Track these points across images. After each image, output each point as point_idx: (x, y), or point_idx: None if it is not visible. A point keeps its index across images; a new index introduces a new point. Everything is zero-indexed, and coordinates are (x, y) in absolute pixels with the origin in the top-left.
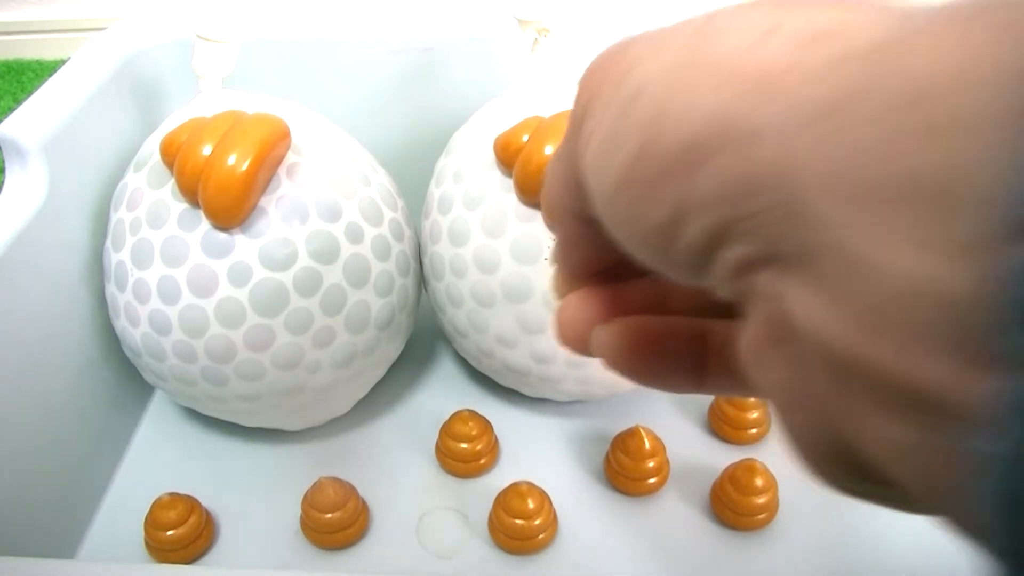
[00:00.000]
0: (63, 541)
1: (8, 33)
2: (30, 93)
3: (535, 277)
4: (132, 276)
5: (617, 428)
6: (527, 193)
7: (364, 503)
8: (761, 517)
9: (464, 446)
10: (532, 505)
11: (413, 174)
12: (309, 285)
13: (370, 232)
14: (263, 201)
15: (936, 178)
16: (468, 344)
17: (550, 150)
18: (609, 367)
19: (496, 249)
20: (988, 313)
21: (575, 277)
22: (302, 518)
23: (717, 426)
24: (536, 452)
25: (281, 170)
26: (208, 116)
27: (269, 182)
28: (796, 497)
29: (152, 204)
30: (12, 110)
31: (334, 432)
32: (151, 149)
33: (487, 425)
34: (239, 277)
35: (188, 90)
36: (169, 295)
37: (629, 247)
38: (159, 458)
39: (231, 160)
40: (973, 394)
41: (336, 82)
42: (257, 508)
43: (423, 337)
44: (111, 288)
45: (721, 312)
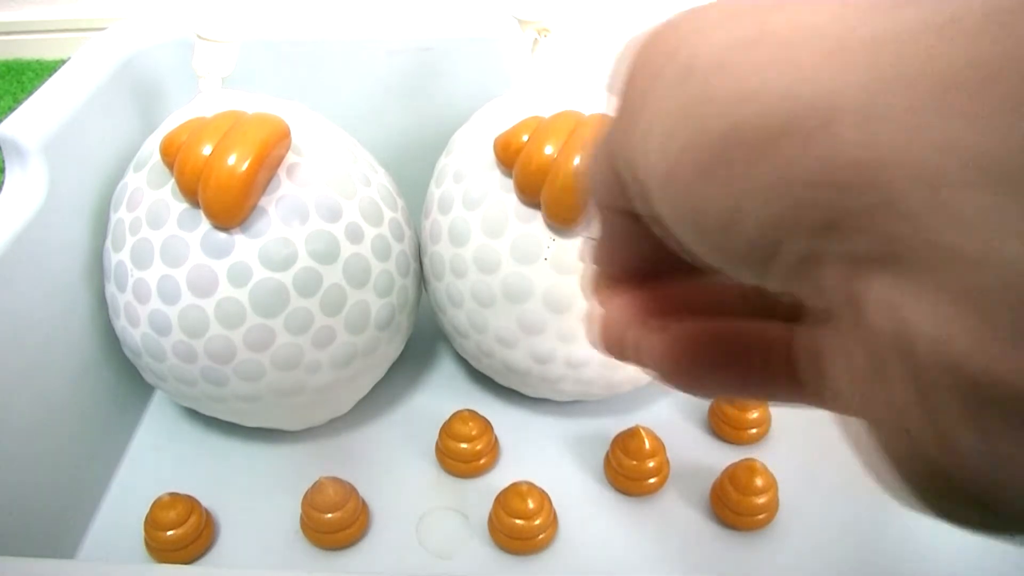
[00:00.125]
0: (63, 541)
1: (8, 33)
2: (30, 93)
3: (535, 277)
4: (132, 276)
5: (617, 428)
6: (527, 193)
7: (364, 503)
8: (761, 517)
9: (464, 446)
10: (532, 505)
11: (413, 174)
12: (309, 285)
13: (370, 232)
14: (263, 201)
15: None
16: (468, 344)
17: (550, 150)
18: (659, 375)
19: (496, 249)
20: None
21: (616, 278)
22: (302, 518)
23: (717, 426)
24: (536, 452)
25: (281, 170)
26: (208, 116)
27: (269, 182)
28: (796, 497)
29: (152, 204)
30: (12, 110)
31: (334, 432)
32: (151, 149)
33: (487, 425)
34: (239, 277)
35: (188, 90)
36: (169, 295)
37: (690, 239)
38: (159, 458)
39: (231, 160)
40: None
41: (336, 82)
42: (257, 508)
43: (423, 337)
44: (111, 288)
45: (774, 311)
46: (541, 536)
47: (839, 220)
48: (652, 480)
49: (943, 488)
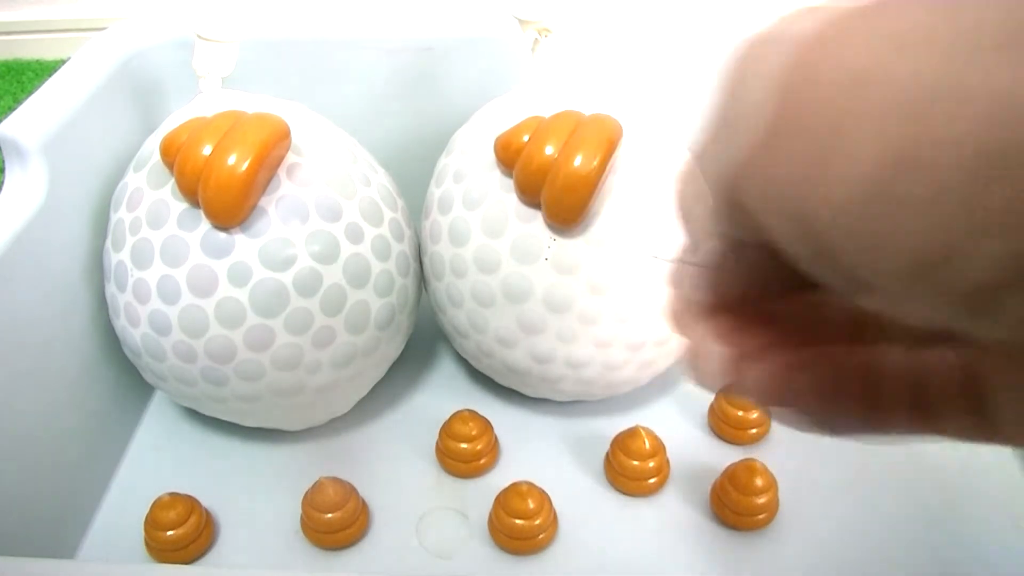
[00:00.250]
0: (63, 541)
1: (8, 33)
2: (30, 93)
3: (535, 277)
4: (132, 276)
5: (617, 428)
6: (527, 193)
7: (364, 503)
8: (761, 517)
9: (464, 446)
10: (532, 505)
11: (413, 174)
12: (309, 285)
13: (370, 232)
14: (263, 201)
15: None
16: (468, 344)
17: (550, 150)
18: (764, 407)
19: (496, 249)
20: None
21: (712, 306)
22: (302, 518)
23: (717, 426)
24: (536, 452)
25: (281, 170)
26: (208, 116)
27: (269, 182)
28: (796, 497)
29: (152, 204)
30: (12, 110)
31: (334, 432)
32: (151, 149)
33: (487, 425)
34: (239, 277)
35: (188, 90)
36: (169, 295)
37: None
38: (159, 458)
39: (231, 160)
40: None
41: (336, 82)
42: (257, 508)
43: (423, 337)
44: (111, 288)
45: (883, 330)
46: (541, 536)
47: None
48: (652, 480)
49: None
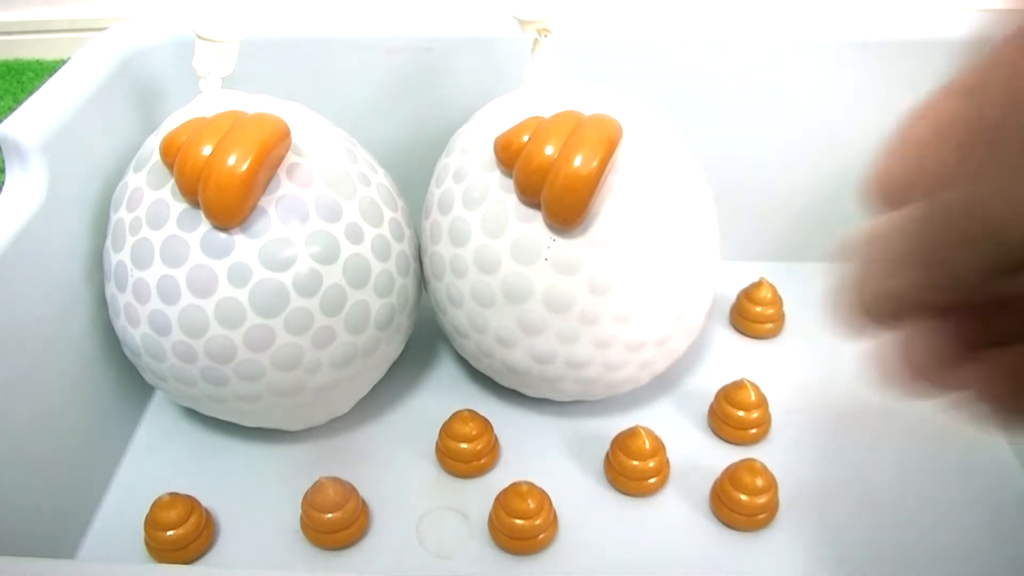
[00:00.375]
0: (63, 541)
1: (8, 33)
2: (30, 93)
3: (535, 277)
4: (132, 276)
5: (617, 428)
6: (527, 193)
7: (364, 503)
8: (761, 517)
9: (464, 446)
10: (532, 505)
11: (413, 174)
12: (309, 285)
13: (370, 232)
14: (263, 201)
15: None
16: (468, 344)
17: (550, 150)
18: (978, 409)
19: (496, 249)
20: None
21: (922, 309)
22: (302, 518)
23: (717, 426)
24: (536, 452)
25: (281, 170)
26: (208, 116)
27: (269, 182)
28: (796, 497)
29: (152, 204)
30: (12, 110)
31: (334, 432)
32: (151, 149)
33: (487, 425)
34: (239, 277)
35: (188, 90)
36: (169, 295)
37: None
38: (159, 458)
39: (231, 160)
40: None
41: (336, 82)
42: (257, 508)
43: (423, 337)
44: (111, 288)
45: None
46: (541, 536)
47: None
48: (652, 480)
49: None
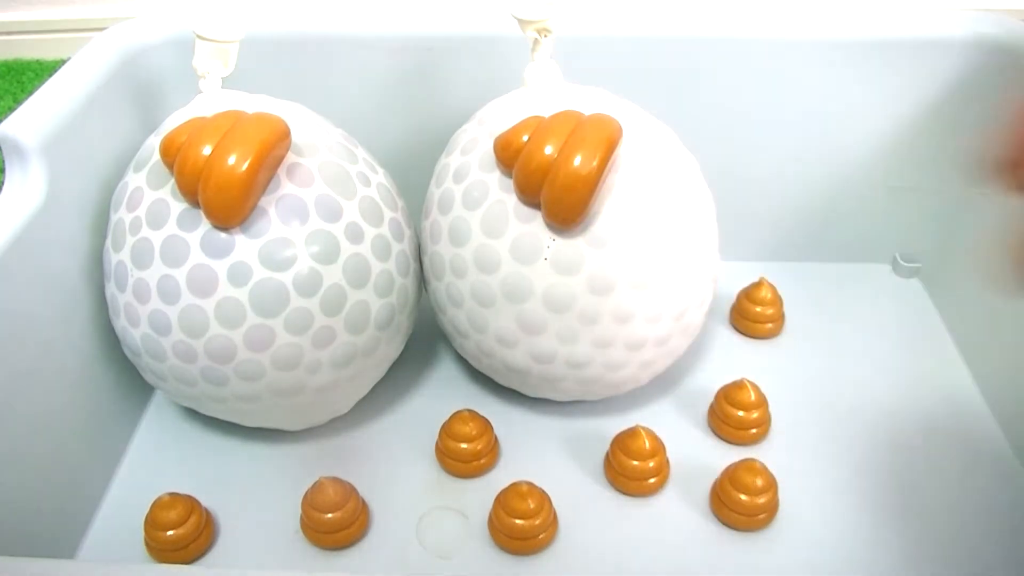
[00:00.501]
0: (63, 541)
1: (8, 33)
2: (30, 93)
3: (535, 277)
4: (132, 276)
5: (617, 428)
6: (527, 193)
7: (364, 503)
8: (761, 517)
9: (464, 446)
10: (532, 505)
11: (413, 174)
12: (309, 285)
13: (370, 232)
14: (263, 201)
15: None
16: (468, 344)
17: (550, 150)
18: None
19: (496, 249)
20: None
21: None
22: (302, 518)
23: (717, 426)
24: (536, 452)
25: (281, 170)
26: (208, 116)
27: (269, 182)
28: (796, 497)
29: (152, 204)
30: (12, 110)
31: (334, 432)
32: (151, 149)
33: (487, 425)
34: (239, 277)
35: (188, 90)
36: (169, 295)
37: None
38: (159, 458)
39: (231, 160)
40: None
41: (336, 82)
42: (257, 508)
43: (423, 337)
44: (111, 288)
45: None
46: (541, 536)
47: None
48: (652, 480)
49: None
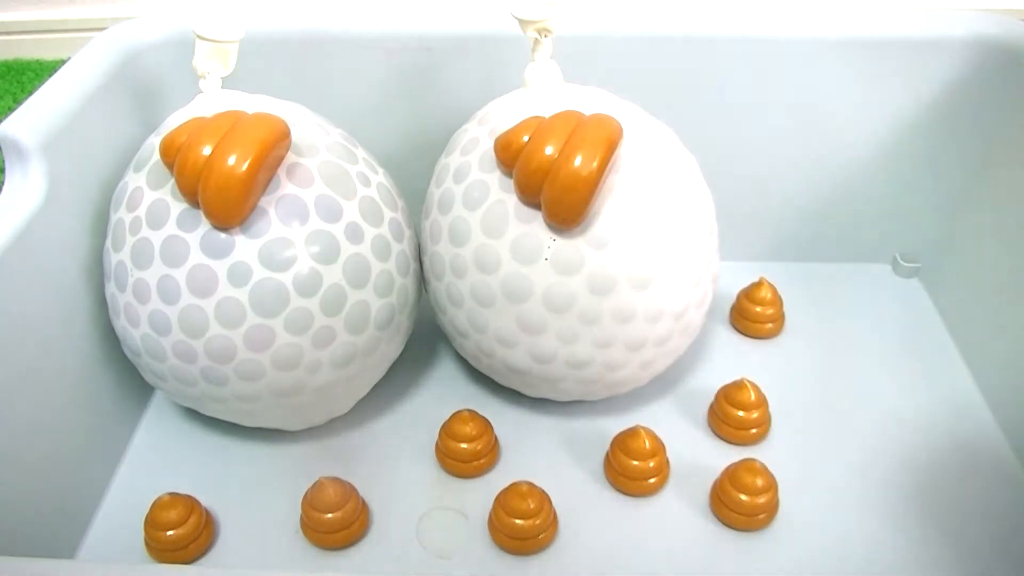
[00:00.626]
0: (63, 541)
1: (8, 33)
2: (30, 93)
3: (535, 277)
4: (132, 276)
5: (617, 428)
6: (527, 193)
7: (364, 503)
8: (761, 517)
9: (464, 446)
10: (532, 505)
11: (413, 174)
12: (309, 285)
13: (370, 232)
14: (263, 201)
15: None
16: (468, 344)
17: (550, 150)
18: None
19: (496, 249)
20: None
21: None
22: (302, 518)
23: (717, 426)
24: (536, 452)
25: (281, 170)
26: (208, 116)
27: (269, 182)
28: (796, 497)
29: (152, 204)
30: (12, 110)
31: (334, 432)
32: (151, 149)
33: (487, 425)
34: (239, 277)
35: (188, 90)
36: (169, 295)
37: None
38: (159, 458)
39: (231, 160)
40: None
41: (336, 82)
42: (257, 508)
43: (423, 337)
44: (111, 288)
45: None
46: (541, 536)
47: None
48: (652, 480)
49: None
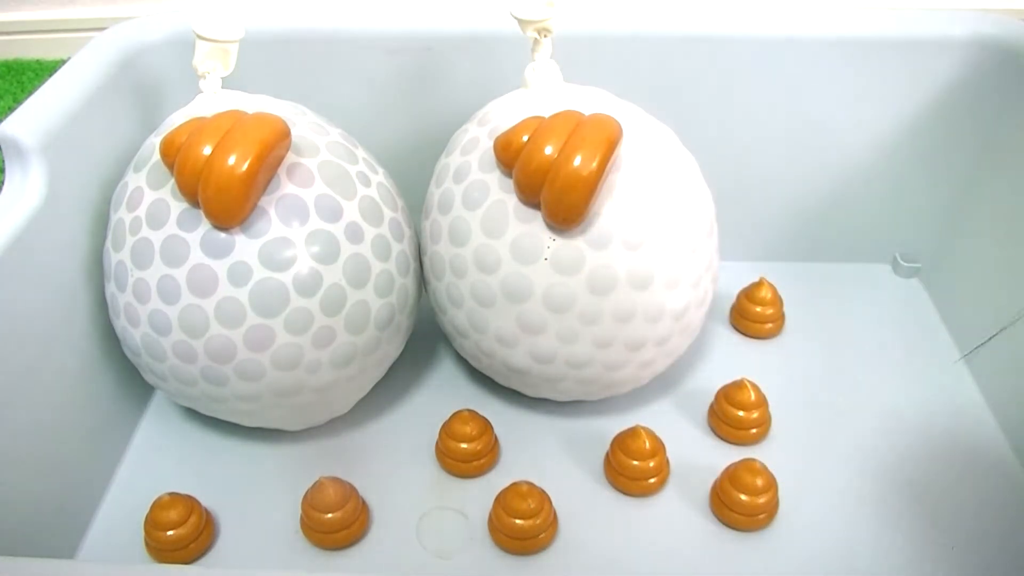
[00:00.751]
0: (63, 541)
1: (8, 33)
2: (30, 93)
3: (535, 277)
4: (132, 276)
5: (617, 428)
6: (527, 193)
7: (364, 503)
8: (761, 517)
9: (464, 446)
10: (532, 505)
11: (413, 174)
12: (309, 285)
13: (370, 232)
14: (263, 201)
15: None
16: (468, 344)
17: (550, 150)
18: None
19: (496, 249)
20: None
21: None
22: (302, 518)
23: (717, 426)
24: (536, 452)
25: (281, 170)
26: (208, 116)
27: (269, 182)
28: (796, 497)
29: (152, 204)
30: (12, 110)
31: (334, 432)
32: (151, 149)
33: (487, 425)
34: (239, 277)
35: (188, 90)
36: (169, 295)
37: None
38: (159, 458)
39: (231, 160)
40: None
41: (336, 82)
42: (257, 508)
43: (423, 337)
44: (111, 288)
45: None
46: (541, 536)
47: None
48: (652, 480)
49: None
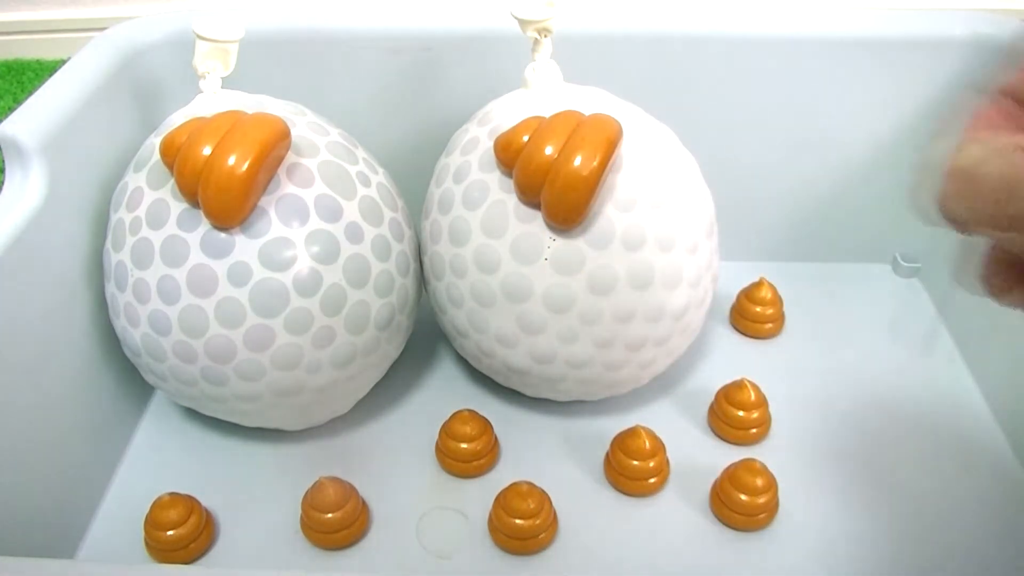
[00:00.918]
0: (63, 541)
1: (8, 33)
2: (30, 93)
3: (535, 277)
4: (132, 276)
5: (617, 428)
6: (527, 193)
7: (364, 503)
8: (761, 517)
9: (464, 446)
10: (532, 505)
11: (413, 174)
12: (309, 285)
13: (370, 232)
14: (263, 201)
15: None
16: (468, 344)
17: (550, 150)
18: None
19: (496, 249)
20: None
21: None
22: (302, 518)
23: (717, 426)
24: (536, 452)
25: (281, 170)
26: (208, 116)
27: (269, 182)
28: (796, 497)
29: (152, 204)
30: (12, 110)
31: (334, 432)
32: (151, 149)
33: (487, 425)
34: (239, 277)
35: (188, 90)
36: (169, 295)
37: None
38: (159, 458)
39: (231, 160)
40: None
41: (336, 82)
42: (257, 508)
43: (423, 337)
44: (111, 288)
45: None
46: (541, 536)
47: None
48: (652, 480)
49: None
